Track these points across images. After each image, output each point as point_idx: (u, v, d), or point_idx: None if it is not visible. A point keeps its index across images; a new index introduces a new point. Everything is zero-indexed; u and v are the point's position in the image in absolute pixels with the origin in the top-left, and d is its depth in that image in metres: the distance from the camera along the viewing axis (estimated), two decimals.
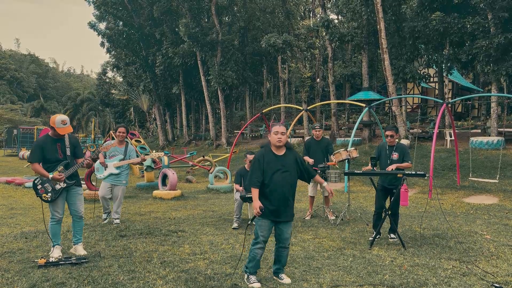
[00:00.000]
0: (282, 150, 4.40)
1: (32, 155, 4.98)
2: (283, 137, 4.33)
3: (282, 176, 4.33)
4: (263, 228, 4.29)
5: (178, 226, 7.04)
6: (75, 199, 5.25)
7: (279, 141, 4.32)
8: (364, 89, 22.77)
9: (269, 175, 4.28)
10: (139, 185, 12.28)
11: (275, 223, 4.36)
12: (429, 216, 8.14)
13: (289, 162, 4.38)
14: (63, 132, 5.05)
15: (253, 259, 4.30)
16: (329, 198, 8.15)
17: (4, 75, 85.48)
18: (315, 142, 8.10)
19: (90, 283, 4.19)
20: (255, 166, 4.32)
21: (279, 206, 4.31)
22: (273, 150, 4.38)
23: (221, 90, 26.75)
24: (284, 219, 4.37)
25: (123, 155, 7.03)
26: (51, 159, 5.04)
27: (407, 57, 20.49)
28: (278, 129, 4.34)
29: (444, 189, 12.04)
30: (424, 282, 4.34)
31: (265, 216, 4.28)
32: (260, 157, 4.35)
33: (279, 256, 4.47)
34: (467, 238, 6.26)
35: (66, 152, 5.15)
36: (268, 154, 4.36)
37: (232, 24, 28.25)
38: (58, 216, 5.12)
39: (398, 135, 6.35)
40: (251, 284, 4.23)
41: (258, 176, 4.28)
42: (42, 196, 5.01)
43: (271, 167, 4.30)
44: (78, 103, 55.48)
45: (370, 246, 5.80)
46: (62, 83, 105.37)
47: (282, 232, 4.39)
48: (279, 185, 4.29)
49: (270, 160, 4.32)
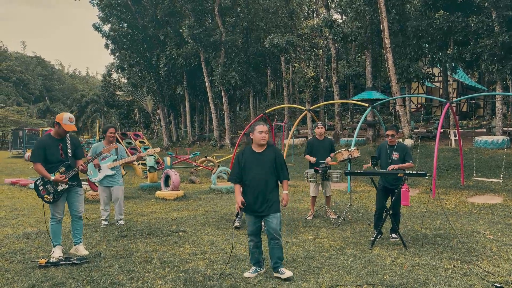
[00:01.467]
0: (262, 148, 4.56)
1: (34, 154, 4.98)
2: (266, 136, 4.52)
3: (258, 173, 4.48)
4: (248, 222, 4.58)
5: (179, 227, 7.05)
6: (76, 199, 5.26)
7: (263, 140, 4.50)
8: (368, 89, 22.71)
9: (247, 172, 4.49)
10: (142, 186, 12.31)
11: (261, 218, 4.54)
12: (432, 216, 8.09)
13: (266, 159, 4.53)
14: (69, 129, 5.07)
15: (251, 254, 4.61)
16: (330, 199, 8.13)
17: (11, 77, 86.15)
18: (318, 142, 8.08)
19: (90, 283, 4.21)
20: (234, 163, 4.61)
21: (256, 202, 4.47)
22: (253, 148, 4.57)
23: (224, 90, 26.79)
24: (267, 213, 4.49)
25: (116, 155, 7.03)
26: (53, 160, 5.05)
27: (411, 56, 20.40)
28: (262, 128, 4.52)
29: (448, 189, 11.97)
30: (424, 282, 4.32)
31: (247, 212, 4.54)
32: (240, 154, 4.59)
33: (271, 249, 4.56)
34: (469, 238, 6.22)
35: (67, 152, 5.16)
36: (247, 152, 4.56)
37: (235, 25, 28.27)
38: (58, 217, 5.15)
39: (399, 134, 6.32)
40: (245, 274, 4.53)
41: (237, 173, 4.53)
42: (44, 198, 5.03)
43: (248, 164, 4.50)
44: (83, 105, 55.78)
45: (371, 246, 5.78)
46: (68, 85, 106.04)
47: (269, 223, 4.50)
48: (254, 181, 4.47)
49: (248, 157, 4.52)
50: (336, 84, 24.12)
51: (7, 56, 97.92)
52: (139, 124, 45.86)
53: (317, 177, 7.74)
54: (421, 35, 19.49)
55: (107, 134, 7.01)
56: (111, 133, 7.02)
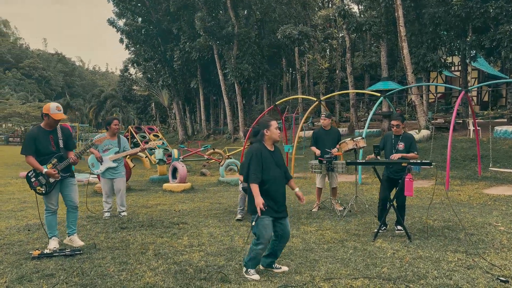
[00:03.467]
0: (273, 146, 4.36)
1: (25, 147, 4.94)
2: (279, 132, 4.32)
3: (279, 172, 4.28)
4: (267, 227, 4.10)
5: (181, 218, 6.98)
6: (69, 189, 5.21)
7: (280, 136, 4.31)
8: (383, 79, 22.24)
9: (268, 171, 4.18)
10: (152, 179, 12.33)
11: (275, 220, 4.22)
12: (443, 207, 7.80)
13: (279, 157, 4.36)
14: (58, 117, 4.97)
15: (255, 258, 4.17)
16: (336, 190, 7.94)
17: (33, 74, 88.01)
18: (324, 132, 7.88)
19: (79, 275, 4.16)
20: (254, 162, 4.15)
21: (280, 202, 4.23)
22: (266, 146, 4.29)
23: (237, 83, 26.65)
24: (284, 215, 4.29)
25: (118, 147, 7.00)
26: (45, 152, 5.00)
27: (427, 45, 19.80)
28: (277, 125, 4.31)
29: (464, 180, 11.60)
30: (423, 275, 4.12)
31: (268, 214, 4.11)
32: (258, 152, 4.20)
33: (276, 251, 4.36)
34: (479, 230, 5.95)
35: (59, 144, 5.10)
36: (264, 150, 4.25)
37: (248, 17, 28.03)
38: (53, 208, 5.12)
39: (404, 124, 6.07)
40: (251, 276, 4.13)
41: (258, 172, 4.13)
42: (37, 189, 5.00)
43: (268, 163, 4.21)
44: (102, 100, 56.50)
45: (374, 238, 5.59)
46: (88, 81, 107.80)
47: (285, 227, 4.27)
48: (277, 181, 4.23)
49: (266, 156, 4.23)
50: (351, 75, 23.67)
51: (29, 53, 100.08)
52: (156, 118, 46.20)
53: (322, 168, 7.55)
54: (438, 22, 18.88)
55: (112, 126, 6.99)
56: (115, 125, 7.00)
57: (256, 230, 4.10)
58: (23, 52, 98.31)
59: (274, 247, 4.31)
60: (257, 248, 4.11)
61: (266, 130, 4.27)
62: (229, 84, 27.52)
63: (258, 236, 4.11)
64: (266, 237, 4.09)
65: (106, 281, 3.99)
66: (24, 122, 49.83)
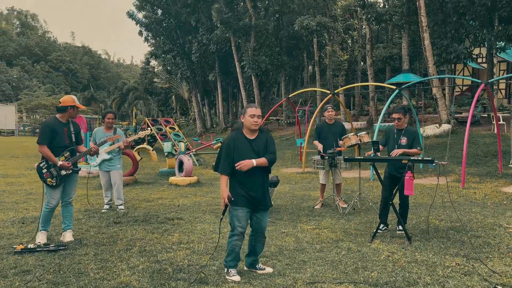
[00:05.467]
0: (255, 134, 4.05)
1: (42, 136, 4.88)
2: (259, 120, 4.00)
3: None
4: (240, 218, 3.95)
5: (178, 214, 6.86)
6: (71, 184, 5.21)
7: (255, 125, 3.98)
8: (404, 71, 21.56)
9: (242, 160, 3.92)
10: (162, 172, 12.29)
11: (251, 212, 4.03)
12: (454, 206, 7.40)
13: (260, 145, 4.05)
14: (83, 108, 5.25)
15: (232, 251, 3.99)
16: (340, 187, 7.65)
17: (60, 66, 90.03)
18: (327, 126, 7.60)
19: (56, 272, 4.07)
20: (224, 152, 3.98)
21: (256, 194, 3.99)
22: (244, 133, 4.03)
23: (254, 76, 26.38)
24: (262, 207, 4.06)
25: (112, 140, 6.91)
26: (59, 144, 4.98)
27: (451, 35, 19.00)
28: (254, 112, 3.98)
29: (483, 177, 11.06)
30: (414, 281, 3.84)
31: (242, 205, 3.95)
32: (230, 141, 4.00)
33: (255, 247, 4.16)
34: (487, 232, 5.58)
35: (72, 138, 5.10)
36: (239, 138, 4.01)
37: (267, 8, 27.63)
38: (53, 204, 5.06)
39: (407, 117, 5.72)
40: (231, 277, 3.94)
41: (228, 163, 3.94)
42: (47, 181, 4.95)
43: (243, 152, 3.96)
44: (125, 92, 57.28)
45: (371, 238, 5.31)
46: (113, 74, 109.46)
47: (260, 221, 4.09)
48: (253, 171, 3.95)
49: (240, 144, 3.98)
50: (371, 67, 23.05)
51: (57, 46, 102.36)
52: (176, 111, 46.49)
53: (325, 163, 7.27)
54: (462, 11, 18.09)
55: (105, 120, 6.94)
56: (108, 118, 6.94)
57: (230, 221, 3.99)
58: (51, 45, 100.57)
59: (251, 242, 4.13)
60: (231, 240, 3.96)
61: (241, 117, 4.05)
62: (247, 76, 27.28)
63: (232, 227, 3.98)
64: (239, 228, 3.93)
65: (80, 279, 3.89)
66: (50, 114, 51.04)
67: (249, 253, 4.20)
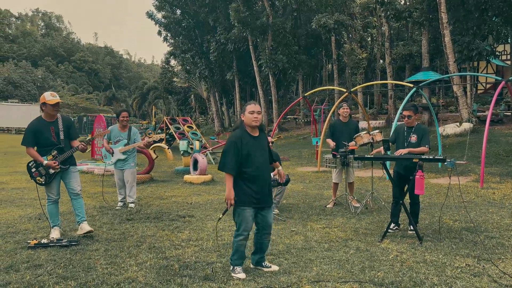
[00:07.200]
0: (257, 131, 4.06)
1: (24, 139, 5.04)
2: (259, 116, 3.99)
3: (262, 160, 4.02)
4: (247, 218, 3.94)
5: (189, 211, 6.92)
6: (70, 177, 5.27)
7: (255, 121, 3.97)
8: (424, 69, 21.15)
9: (251, 158, 3.93)
10: (177, 170, 12.43)
11: (256, 210, 4.04)
12: (470, 207, 7.25)
13: (264, 143, 4.08)
14: (54, 102, 5.04)
15: (237, 250, 4.01)
16: (353, 186, 7.58)
17: (83, 67, 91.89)
18: (341, 124, 7.53)
19: (66, 266, 4.18)
20: (230, 151, 3.91)
21: (263, 191, 4.01)
22: (249, 132, 4.03)
23: (272, 74, 26.34)
24: (267, 205, 4.07)
25: (127, 140, 7.02)
26: (45, 143, 5.08)
27: (473, 31, 18.54)
28: (253, 108, 3.97)
29: (504, 176, 10.79)
30: (421, 282, 3.78)
31: (248, 204, 3.95)
32: (237, 140, 3.94)
33: (262, 244, 4.16)
34: (503, 233, 5.45)
35: (59, 135, 5.16)
36: (245, 136, 4.00)
37: (285, 6, 27.54)
38: (53, 197, 5.20)
39: (418, 115, 5.63)
40: (236, 275, 3.96)
41: (235, 162, 3.89)
42: (37, 180, 5.10)
43: (251, 149, 3.95)
44: (145, 92, 58.05)
45: (381, 238, 5.25)
46: (134, 73, 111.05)
47: (266, 218, 4.09)
48: (261, 168, 3.99)
49: (248, 142, 3.97)
50: (390, 65, 22.73)
51: (80, 47, 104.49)
52: (195, 110, 46.84)
53: (337, 162, 7.22)
54: (484, 7, 17.63)
55: (119, 118, 7.05)
56: (123, 117, 7.05)
57: (236, 220, 3.98)
58: (75, 46, 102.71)
59: (257, 240, 4.13)
60: (237, 240, 3.97)
61: (242, 115, 4.03)
62: (264, 75, 27.26)
63: (237, 227, 3.98)
64: (245, 228, 3.94)
65: (89, 274, 3.98)
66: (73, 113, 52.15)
67: (255, 251, 4.20)
